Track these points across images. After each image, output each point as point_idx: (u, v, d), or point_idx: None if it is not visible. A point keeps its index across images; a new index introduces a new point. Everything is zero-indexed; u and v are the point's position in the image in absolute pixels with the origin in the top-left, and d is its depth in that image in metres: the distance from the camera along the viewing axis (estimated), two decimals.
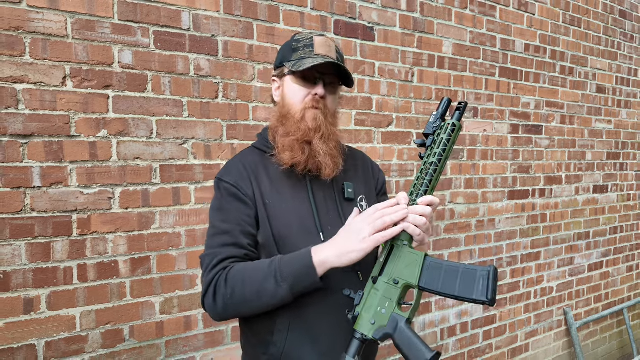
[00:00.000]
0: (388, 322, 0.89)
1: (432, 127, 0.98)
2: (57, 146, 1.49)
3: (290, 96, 1.06)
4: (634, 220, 3.67)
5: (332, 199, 1.09)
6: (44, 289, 1.48)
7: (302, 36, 1.08)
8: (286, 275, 0.92)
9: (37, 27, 1.44)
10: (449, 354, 2.57)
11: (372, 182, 1.21)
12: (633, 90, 3.57)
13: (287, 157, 1.03)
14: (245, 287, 0.94)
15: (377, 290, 0.93)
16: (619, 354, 3.64)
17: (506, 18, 2.71)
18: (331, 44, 1.07)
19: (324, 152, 1.03)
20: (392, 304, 0.90)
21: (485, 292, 0.84)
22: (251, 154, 1.13)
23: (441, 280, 0.88)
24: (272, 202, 1.04)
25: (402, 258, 0.92)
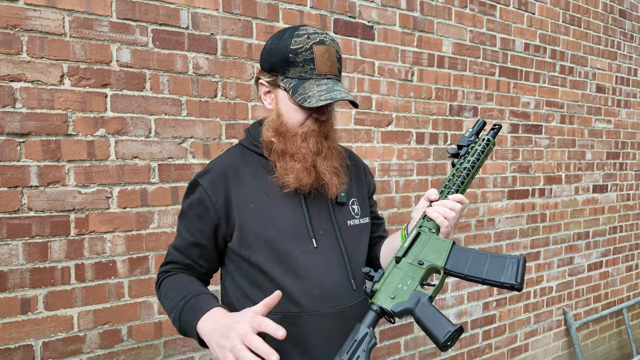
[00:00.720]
0: (409, 297, 0.86)
1: (467, 140, 1.06)
2: (55, 145, 1.48)
3: (289, 115, 1.00)
4: (634, 220, 3.67)
5: (323, 203, 1.05)
6: (41, 289, 1.47)
7: (300, 45, 0.95)
8: (182, 319, 0.94)
9: (34, 25, 1.43)
10: (449, 354, 2.57)
11: (364, 186, 1.18)
12: (633, 90, 3.56)
13: (292, 181, 0.98)
14: (164, 302, 1.02)
15: (399, 269, 0.91)
16: (618, 353, 3.64)
17: (506, 17, 2.71)
18: (332, 52, 0.98)
19: (330, 171, 1.00)
20: (414, 282, 0.88)
21: (514, 276, 0.85)
22: (236, 153, 1.08)
23: (468, 264, 0.89)
24: (260, 206, 1.00)
25: (429, 243, 0.93)
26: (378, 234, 1.24)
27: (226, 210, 1.00)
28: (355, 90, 2.15)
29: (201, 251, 1.04)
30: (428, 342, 2.47)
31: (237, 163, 1.05)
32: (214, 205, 0.99)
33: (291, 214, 1.01)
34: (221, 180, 1.01)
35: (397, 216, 2.31)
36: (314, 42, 0.96)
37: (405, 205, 2.34)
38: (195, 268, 1.06)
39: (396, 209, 2.31)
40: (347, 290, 1.03)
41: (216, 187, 1.00)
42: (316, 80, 0.96)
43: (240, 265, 1.03)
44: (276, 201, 1.01)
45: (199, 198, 1.01)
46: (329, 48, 0.97)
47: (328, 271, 1.02)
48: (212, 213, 1.00)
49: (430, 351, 2.49)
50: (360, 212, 1.12)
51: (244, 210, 1.00)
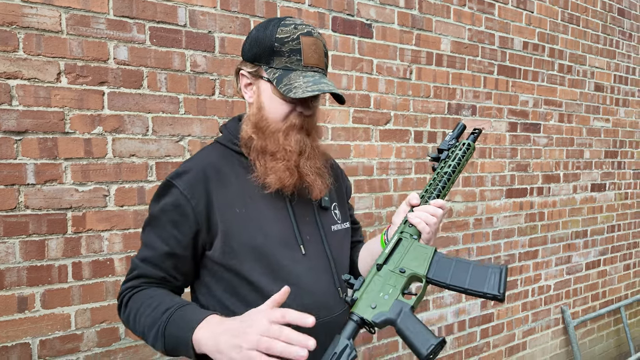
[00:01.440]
0: (390, 307, 0.83)
1: (447, 144, 1.04)
2: (52, 143, 1.47)
3: (270, 109, 0.93)
4: (632, 219, 3.68)
5: (309, 207, 1.00)
6: (39, 287, 1.47)
7: (286, 34, 0.90)
8: (167, 334, 0.82)
9: (31, 22, 1.42)
10: (447, 353, 2.57)
11: (342, 189, 1.15)
12: (631, 89, 3.57)
13: (273, 182, 0.91)
14: (135, 320, 0.88)
15: (380, 277, 0.88)
16: (615, 352, 3.65)
17: (505, 15, 2.70)
18: (319, 45, 0.93)
19: (313, 171, 0.94)
20: (395, 291, 0.85)
21: (497, 287, 0.84)
22: (215, 152, 0.99)
23: (450, 273, 0.87)
24: (246, 210, 0.93)
25: (410, 250, 0.90)
26: (355, 238, 1.19)
27: (207, 215, 0.90)
28: (353, 89, 2.15)
29: (176, 262, 0.92)
30: None
31: (217, 163, 0.96)
32: (194, 210, 0.90)
33: (278, 219, 0.95)
34: (201, 181, 0.92)
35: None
36: (301, 32, 0.91)
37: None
38: (169, 282, 0.93)
39: (394, 208, 2.31)
40: (334, 297, 0.99)
41: (195, 189, 0.90)
42: (302, 72, 0.90)
43: (221, 276, 0.94)
44: (261, 205, 0.94)
45: (174, 202, 0.90)
46: (316, 40, 0.92)
47: (317, 279, 0.97)
48: (192, 218, 0.90)
49: None
50: (341, 217, 1.08)
51: (228, 215, 0.91)
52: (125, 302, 0.92)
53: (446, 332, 2.56)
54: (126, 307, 0.92)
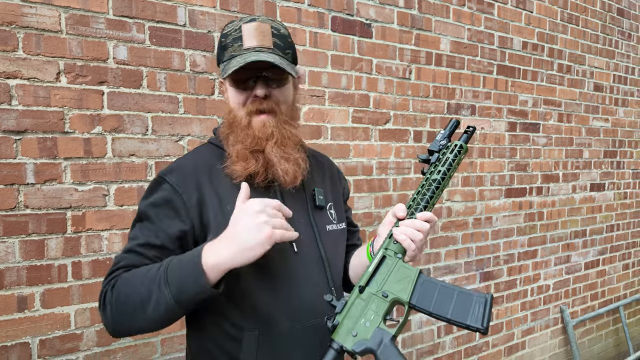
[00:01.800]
0: (371, 336, 0.82)
1: (438, 145, 0.98)
2: (51, 142, 1.47)
3: (232, 102, 0.94)
4: (631, 219, 3.68)
5: (303, 207, 0.99)
6: (38, 286, 1.47)
7: (231, 27, 0.92)
8: (171, 279, 0.77)
9: (30, 21, 1.42)
10: (446, 352, 2.57)
11: (339, 190, 1.13)
12: (630, 89, 3.57)
13: (239, 169, 0.90)
14: (129, 294, 0.80)
15: (362, 301, 0.85)
16: (614, 351, 3.65)
17: (504, 15, 2.71)
18: (265, 28, 0.90)
19: (279, 157, 0.91)
20: (377, 318, 0.83)
21: (480, 319, 0.82)
22: (208, 151, 0.99)
23: (434, 300, 0.85)
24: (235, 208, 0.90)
25: (394, 271, 0.87)
26: (352, 241, 1.17)
27: (199, 210, 0.89)
28: (352, 88, 2.15)
29: (162, 254, 0.87)
30: (426, 340, 2.48)
31: (209, 161, 0.96)
32: (185, 204, 0.88)
33: None
34: (193, 177, 0.91)
35: None
36: (244, 22, 0.91)
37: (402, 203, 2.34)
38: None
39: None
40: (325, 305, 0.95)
41: (187, 185, 0.90)
42: (242, 55, 0.88)
43: None
44: None
45: (166, 196, 0.89)
46: (259, 24, 0.90)
47: (307, 282, 0.95)
48: (184, 213, 0.89)
49: (428, 349, 2.49)
50: (337, 218, 1.07)
51: (219, 212, 0.90)
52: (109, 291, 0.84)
53: (445, 331, 2.56)
54: (112, 292, 0.83)
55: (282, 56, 0.91)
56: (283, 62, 0.89)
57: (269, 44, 0.90)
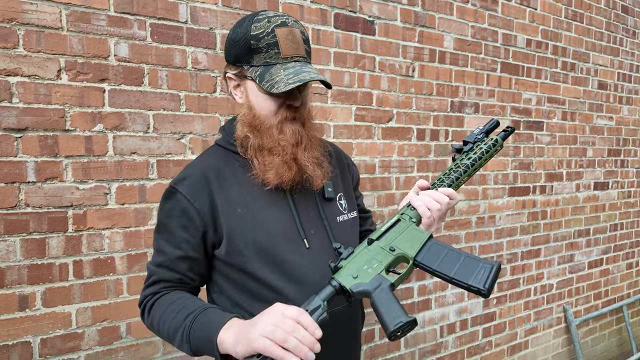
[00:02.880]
0: (371, 280, 0.84)
1: (474, 137, 1.03)
2: (52, 140, 1.46)
3: (260, 107, 0.94)
4: (634, 218, 3.66)
5: (312, 201, 1.01)
6: (39, 285, 1.46)
7: (261, 30, 0.90)
8: (192, 339, 0.87)
9: (31, 18, 1.41)
10: (449, 351, 2.56)
11: (348, 178, 1.15)
12: (635, 87, 3.54)
13: (272, 178, 0.92)
14: (160, 325, 0.93)
15: (369, 251, 0.88)
16: (617, 351, 3.63)
17: (508, 12, 2.68)
18: (297, 33, 0.92)
19: (312, 162, 0.94)
20: (379, 266, 0.86)
21: (484, 281, 0.82)
22: (215, 154, 1.01)
23: (440, 260, 0.86)
24: (247, 210, 0.94)
25: (405, 232, 0.90)
26: (365, 227, 1.20)
27: (212, 217, 0.93)
28: (355, 86, 2.13)
29: (191, 264, 0.95)
30: (428, 339, 2.47)
31: (217, 165, 0.98)
32: (199, 213, 0.92)
33: (280, 215, 0.96)
34: (202, 185, 0.94)
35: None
36: (275, 25, 0.90)
37: None
38: (187, 283, 0.97)
39: (396, 206, 2.30)
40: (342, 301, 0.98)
41: (198, 193, 0.93)
42: (282, 65, 0.90)
43: (229, 275, 0.96)
44: (262, 203, 0.96)
45: (180, 207, 0.93)
46: (292, 30, 0.91)
47: (322, 272, 0.96)
48: (198, 221, 0.92)
49: (430, 348, 2.48)
50: (347, 207, 1.08)
51: (231, 215, 0.93)
52: (148, 309, 0.96)
53: (448, 331, 2.55)
54: (149, 313, 0.95)
55: (310, 63, 0.96)
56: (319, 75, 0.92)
57: (303, 52, 0.93)
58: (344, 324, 1.02)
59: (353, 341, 1.08)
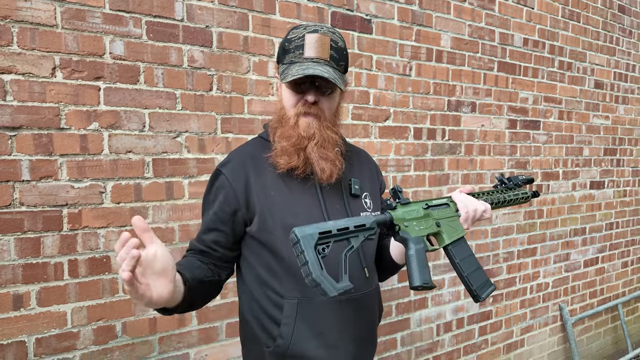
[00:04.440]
0: (415, 236, 0.98)
1: (517, 180, 1.27)
2: (47, 139, 1.45)
3: (285, 100, 1.07)
4: (630, 216, 3.68)
5: (339, 194, 1.10)
6: (34, 284, 1.45)
7: (296, 34, 1.03)
8: None
9: (25, 16, 1.40)
10: (445, 350, 2.57)
11: (376, 183, 1.24)
12: (631, 86, 3.56)
13: (282, 162, 1.04)
14: None
15: (422, 211, 1.03)
16: (613, 349, 3.66)
17: (505, 12, 2.68)
18: (325, 40, 1.01)
19: (318, 157, 1.03)
20: (425, 231, 1.01)
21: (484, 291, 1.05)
22: (256, 144, 1.14)
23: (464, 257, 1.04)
24: (278, 193, 1.05)
25: (450, 219, 1.06)
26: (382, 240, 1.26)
27: (246, 196, 1.05)
28: (352, 85, 2.13)
29: (217, 236, 1.07)
30: (425, 338, 2.47)
31: (256, 153, 1.10)
32: (235, 192, 1.05)
33: (308, 202, 1.06)
34: (241, 168, 1.07)
35: None
36: (307, 31, 1.02)
37: None
38: (209, 254, 1.08)
39: None
40: (360, 278, 1.06)
41: (236, 175, 1.06)
42: (301, 63, 1.00)
43: (258, 251, 1.06)
44: (294, 190, 1.06)
45: (220, 185, 1.06)
46: (321, 36, 1.01)
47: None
48: (232, 198, 1.05)
49: (427, 347, 2.49)
50: (372, 207, 1.16)
51: (264, 197, 1.04)
52: None
53: (445, 329, 2.56)
54: None
55: (335, 68, 1.03)
56: (336, 74, 1.01)
57: (326, 56, 1.01)
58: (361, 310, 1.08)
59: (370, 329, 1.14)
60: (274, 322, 1.04)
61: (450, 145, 2.51)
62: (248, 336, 1.12)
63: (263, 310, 1.06)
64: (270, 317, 1.05)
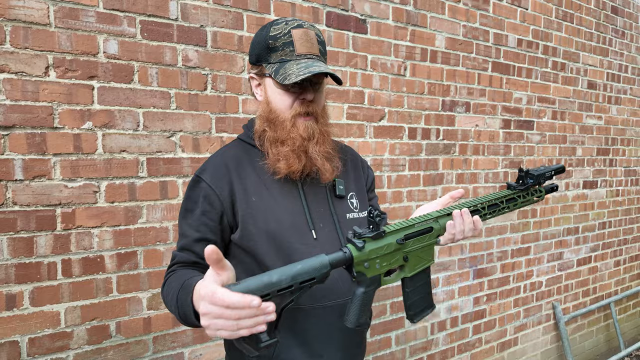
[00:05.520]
0: (371, 277, 0.91)
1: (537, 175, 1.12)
2: (40, 138, 1.45)
3: (276, 102, 1.01)
4: (622, 216, 3.71)
5: (323, 196, 1.06)
6: (27, 284, 1.45)
7: (278, 31, 0.99)
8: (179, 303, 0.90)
9: (18, 14, 1.39)
10: (439, 348, 2.58)
11: (362, 179, 1.19)
12: (623, 87, 3.59)
13: (282, 167, 0.99)
14: (166, 297, 0.97)
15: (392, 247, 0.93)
16: (605, 347, 3.69)
17: (499, 12, 2.70)
18: (311, 34, 0.99)
19: (322, 156, 1.01)
20: (386, 267, 0.93)
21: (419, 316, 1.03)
22: (236, 147, 1.09)
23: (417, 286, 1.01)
24: (260, 199, 1.01)
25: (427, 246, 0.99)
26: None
27: (231, 202, 1.00)
28: (347, 84, 2.13)
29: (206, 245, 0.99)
30: (419, 336, 2.48)
31: (237, 156, 1.06)
32: (219, 198, 1.00)
33: (291, 207, 1.02)
34: (223, 173, 1.02)
35: (389, 211, 2.31)
36: (291, 27, 0.99)
37: (397, 200, 2.34)
38: (202, 264, 1.01)
39: (388, 204, 2.31)
40: (346, 283, 1.03)
41: (219, 181, 1.01)
42: (296, 60, 0.97)
43: (242, 259, 1.02)
44: (276, 194, 1.02)
45: (203, 194, 1.00)
46: (306, 31, 0.99)
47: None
48: (218, 206, 1.00)
49: (421, 345, 2.50)
50: (359, 207, 1.12)
51: (246, 203, 1.01)
52: (162, 287, 1.02)
53: (439, 328, 2.57)
54: (163, 291, 1.01)
55: (324, 62, 1.01)
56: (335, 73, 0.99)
57: (316, 51, 1.00)
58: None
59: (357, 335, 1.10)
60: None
61: (445, 145, 2.52)
62: (232, 345, 1.08)
63: None
64: None
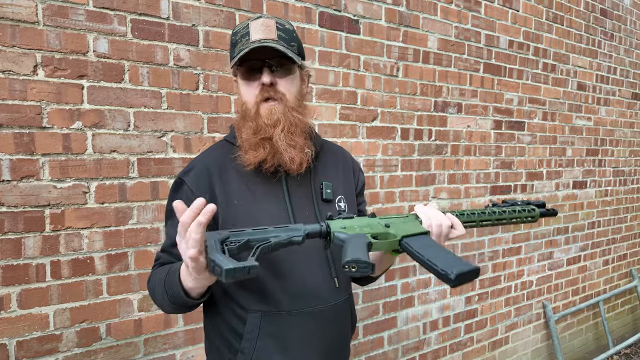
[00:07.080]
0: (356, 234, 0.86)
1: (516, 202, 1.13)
2: (28, 138, 1.42)
3: (244, 94, 1.00)
4: (611, 215, 3.76)
5: (309, 199, 1.04)
6: (15, 286, 1.42)
7: (240, 26, 0.99)
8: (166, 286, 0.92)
9: (5, 12, 1.37)
10: (431, 348, 2.60)
11: (352, 182, 1.16)
12: (612, 88, 3.64)
13: (250, 157, 0.97)
14: (153, 290, 0.99)
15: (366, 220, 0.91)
16: (594, 345, 3.74)
17: (491, 14, 2.72)
18: (270, 23, 0.97)
19: (286, 144, 0.96)
20: (367, 230, 0.88)
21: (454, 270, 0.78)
22: (220, 148, 1.07)
23: (422, 247, 0.86)
24: (243, 202, 0.99)
25: (407, 223, 0.93)
26: None
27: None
28: (340, 85, 2.13)
29: None
30: (411, 336, 2.49)
31: (221, 159, 1.04)
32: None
33: (275, 211, 0.99)
34: (205, 177, 1.00)
35: (381, 212, 2.31)
36: (251, 20, 0.99)
37: (389, 200, 2.34)
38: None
39: (381, 205, 2.32)
40: (329, 288, 1.02)
41: (200, 184, 0.99)
42: (249, 47, 0.95)
43: None
44: (259, 197, 1.00)
45: (185, 198, 0.98)
46: (265, 20, 0.98)
47: (310, 268, 1.00)
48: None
49: (413, 345, 2.51)
50: (347, 210, 1.10)
51: (228, 206, 0.98)
52: (148, 282, 1.03)
53: (431, 327, 2.58)
54: (148, 286, 1.02)
55: (286, 47, 0.97)
56: (286, 50, 0.95)
57: (273, 36, 0.96)
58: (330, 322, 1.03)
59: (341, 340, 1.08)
60: (237, 336, 0.99)
61: (437, 146, 2.53)
62: (212, 350, 1.07)
63: (226, 323, 1.02)
64: (233, 331, 1.00)
